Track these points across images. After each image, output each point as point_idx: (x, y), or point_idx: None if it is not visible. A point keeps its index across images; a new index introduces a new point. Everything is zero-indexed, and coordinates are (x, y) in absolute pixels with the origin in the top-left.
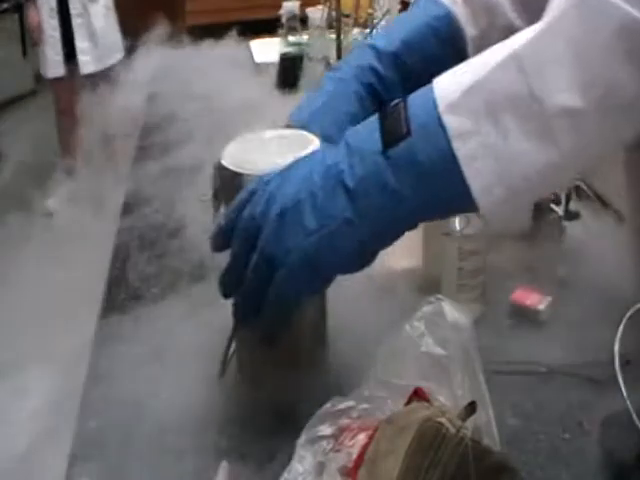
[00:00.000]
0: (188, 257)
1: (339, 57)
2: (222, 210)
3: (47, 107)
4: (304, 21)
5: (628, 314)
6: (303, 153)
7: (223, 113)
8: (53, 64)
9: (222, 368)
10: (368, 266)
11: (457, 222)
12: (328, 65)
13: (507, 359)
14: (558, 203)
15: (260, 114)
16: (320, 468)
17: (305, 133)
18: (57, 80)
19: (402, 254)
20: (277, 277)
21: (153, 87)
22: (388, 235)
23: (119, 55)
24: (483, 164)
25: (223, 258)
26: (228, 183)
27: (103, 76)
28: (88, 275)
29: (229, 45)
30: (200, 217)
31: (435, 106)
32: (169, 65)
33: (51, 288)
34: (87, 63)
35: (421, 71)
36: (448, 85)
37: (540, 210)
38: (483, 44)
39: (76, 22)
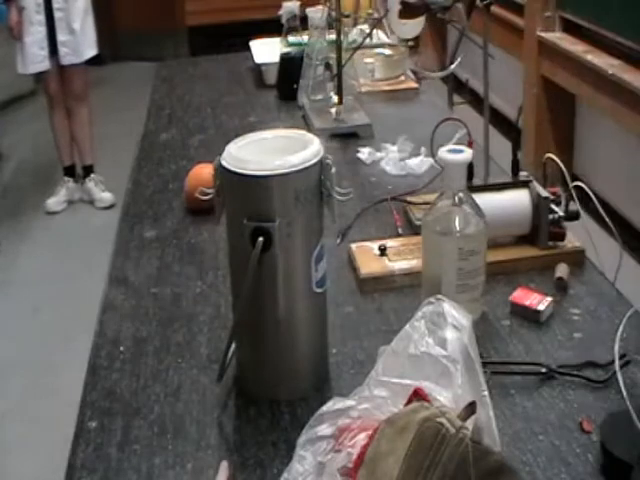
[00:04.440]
0: (188, 259)
1: (339, 57)
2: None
3: (47, 107)
4: (304, 21)
5: (628, 314)
6: (302, 153)
7: (223, 113)
8: (37, 58)
9: (221, 369)
10: None
11: (457, 222)
12: (328, 65)
13: (507, 359)
14: (558, 203)
15: (260, 114)
16: (320, 468)
17: (304, 133)
18: (45, 76)
19: (402, 254)
20: None
21: (154, 88)
22: None
23: (92, 52)
24: None
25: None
26: (228, 183)
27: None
28: (87, 274)
29: (229, 46)
30: (200, 217)
31: None
32: (170, 65)
33: (51, 287)
34: (67, 54)
35: None
36: None
37: (540, 210)
38: None
39: (57, 15)
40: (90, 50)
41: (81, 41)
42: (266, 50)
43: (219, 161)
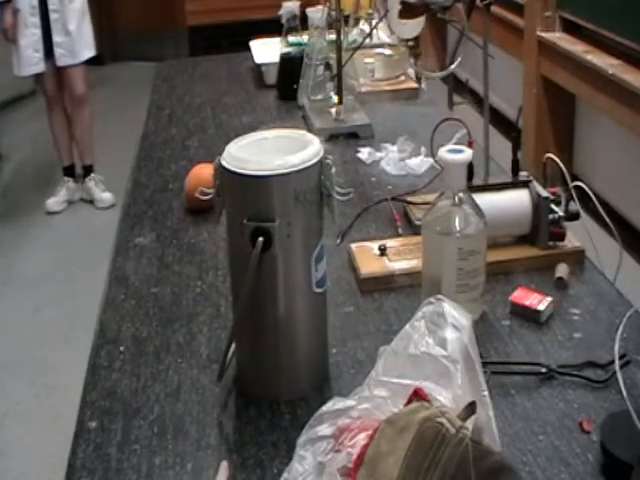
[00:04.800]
0: (188, 259)
1: (339, 57)
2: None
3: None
4: (304, 21)
5: (628, 314)
6: (302, 153)
7: (223, 113)
8: (32, 61)
9: (221, 369)
10: None
11: (457, 222)
12: (328, 65)
13: (507, 359)
14: (558, 203)
15: (260, 114)
16: (320, 468)
17: (304, 133)
18: (42, 77)
19: (402, 254)
20: None
21: (154, 88)
22: None
23: (91, 53)
24: None
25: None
26: (228, 182)
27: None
28: (87, 274)
29: (229, 46)
30: (199, 217)
31: None
32: (170, 65)
33: (51, 287)
34: (63, 56)
35: None
36: None
37: (540, 210)
38: None
39: (53, 17)
40: (87, 51)
41: (77, 42)
42: (266, 50)
43: (219, 161)
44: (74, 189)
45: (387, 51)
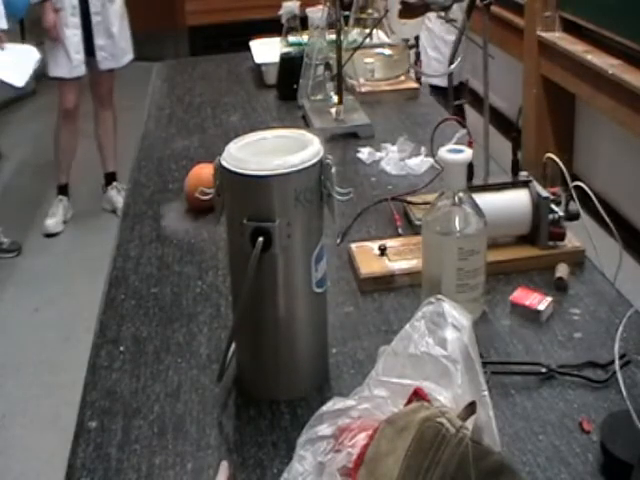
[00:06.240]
0: (188, 259)
1: (339, 57)
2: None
3: (47, 107)
4: (304, 21)
5: (628, 314)
6: (302, 153)
7: (223, 113)
8: (72, 62)
9: (221, 369)
10: None
11: (457, 222)
12: (328, 65)
13: (507, 359)
14: (558, 203)
15: (260, 114)
16: (320, 468)
17: (304, 133)
18: (64, 87)
19: (402, 254)
20: None
21: (154, 88)
22: None
23: (130, 56)
24: None
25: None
26: (228, 182)
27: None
28: (87, 274)
29: (229, 46)
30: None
31: None
32: (170, 65)
33: (51, 287)
34: (106, 59)
35: None
36: None
37: (540, 210)
38: None
39: (95, 19)
40: (128, 55)
41: (119, 45)
42: (266, 50)
43: (219, 161)
44: (68, 207)
45: (387, 51)
